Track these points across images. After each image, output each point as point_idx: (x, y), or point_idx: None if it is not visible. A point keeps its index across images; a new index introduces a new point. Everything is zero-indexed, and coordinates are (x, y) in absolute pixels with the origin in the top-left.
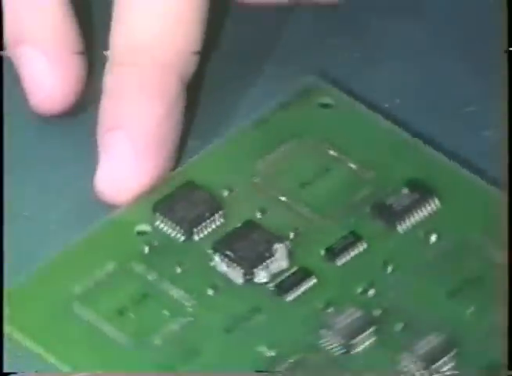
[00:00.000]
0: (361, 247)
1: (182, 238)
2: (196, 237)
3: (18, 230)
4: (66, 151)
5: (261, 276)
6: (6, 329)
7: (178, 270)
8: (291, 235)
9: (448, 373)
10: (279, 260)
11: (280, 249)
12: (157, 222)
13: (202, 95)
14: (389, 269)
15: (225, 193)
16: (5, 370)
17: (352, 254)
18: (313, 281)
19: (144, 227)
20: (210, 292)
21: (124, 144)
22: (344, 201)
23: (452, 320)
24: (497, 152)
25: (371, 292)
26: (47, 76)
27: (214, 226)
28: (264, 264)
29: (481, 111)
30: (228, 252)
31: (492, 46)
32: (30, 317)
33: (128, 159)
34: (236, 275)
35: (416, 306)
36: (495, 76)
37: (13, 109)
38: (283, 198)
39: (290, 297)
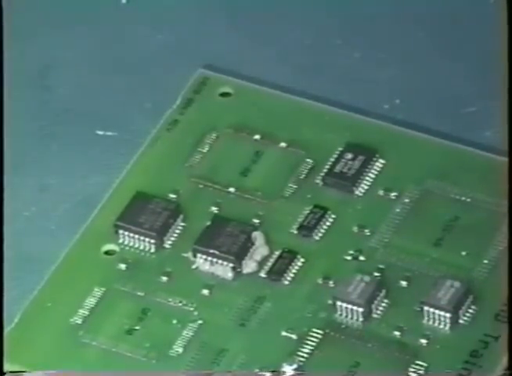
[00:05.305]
0: (329, 217)
1: (153, 248)
2: (166, 245)
3: (18, 230)
4: (67, 151)
5: (250, 267)
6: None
7: (164, 279)
8: (256, 222)
9: None
10: (260, 247)
11: (259, 236)
12: (121, 240)
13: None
14: (366, 231)
15: (174, 197)
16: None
17: (325, 226)
18: (301, 260)
19: (109, 247)
20: (205, 292)
21: None
22: (290, 179)
23: (453, 266)
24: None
25: (361, 258)
26: None
27: (178, 231)
28: (248, 254)
29: (481, 111)
30: (212, 250)
31: (492, 46)
32: (39, 357)
33: None
34: (224, 270)
35: (409, 260)
36: (495, 76)
37: (14, 108)
38: (231, 189)
39: (286, 280)
